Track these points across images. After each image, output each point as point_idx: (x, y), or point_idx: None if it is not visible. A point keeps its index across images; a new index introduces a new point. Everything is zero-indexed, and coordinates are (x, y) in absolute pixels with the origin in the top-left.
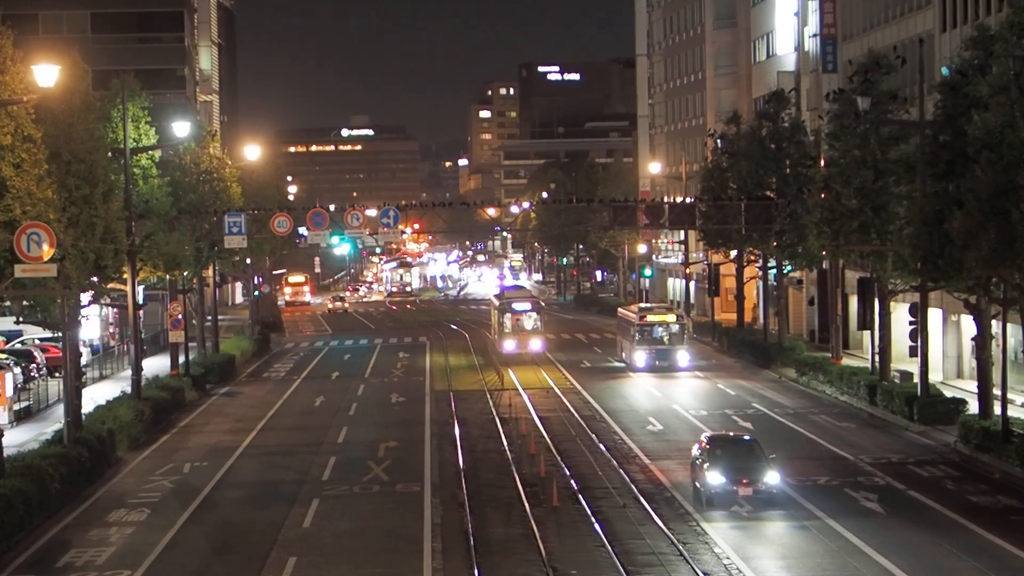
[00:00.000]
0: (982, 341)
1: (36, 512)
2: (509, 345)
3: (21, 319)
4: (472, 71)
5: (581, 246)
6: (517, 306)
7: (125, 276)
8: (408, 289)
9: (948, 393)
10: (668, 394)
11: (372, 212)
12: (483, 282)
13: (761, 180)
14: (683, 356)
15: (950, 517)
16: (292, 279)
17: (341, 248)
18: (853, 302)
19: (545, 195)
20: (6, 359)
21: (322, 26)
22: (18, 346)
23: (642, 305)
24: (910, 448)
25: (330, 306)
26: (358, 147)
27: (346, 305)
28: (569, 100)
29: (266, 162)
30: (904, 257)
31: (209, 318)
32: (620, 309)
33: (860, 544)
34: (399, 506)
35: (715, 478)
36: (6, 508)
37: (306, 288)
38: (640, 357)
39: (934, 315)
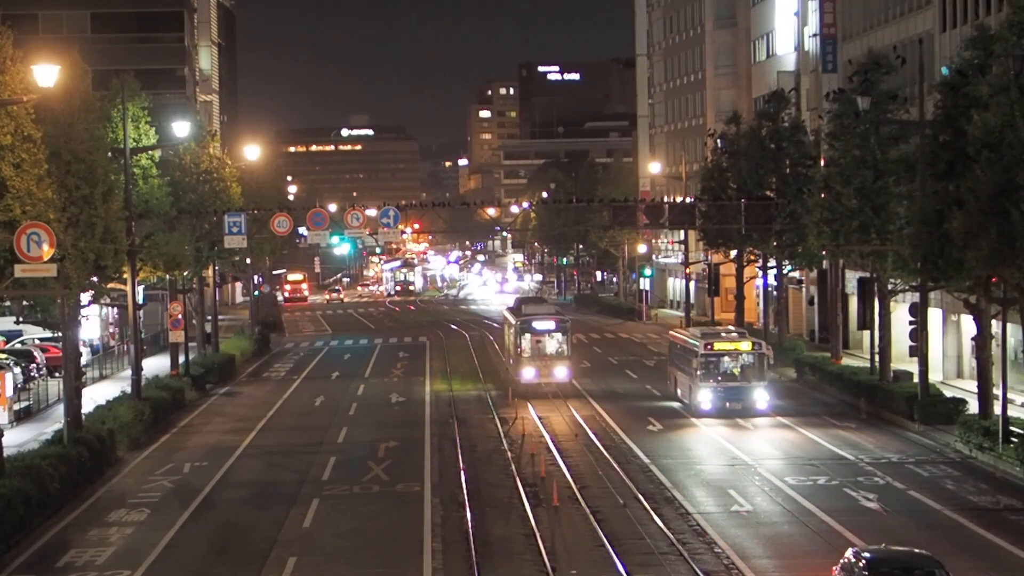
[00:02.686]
0: (982, 341)
1: (36, 512)
2: (528, 373)
3: (21, 319)
4: (472, 71)
5: (581, 246)
6: (539, 324)
7: (125, 276)
8: (411, 288)
9: (948, 393)
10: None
11: (372, 212)
12: (487, 286)
13: (761, 180)
14: (761, 396)
15: (950, 517)
16: (291, 277)
17: (341, 248)
18: (853, 302)
19: (545, 195)
20: (6, 359)
21: (322, 26)
22: (18, 346)
23: (706, 329)
24: (910, 448)
25: (328, 297)
26: (358, 147)
27: (342, 296)
28: (569, 100)
29: (266, 162)
30: (904, 257)
31: (209, 318)
32: (674, 333)
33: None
34: (399, 506)
35: None
36: (6, 508)
37: (304, 286)
38: (705, 397)
39: (934, 315)
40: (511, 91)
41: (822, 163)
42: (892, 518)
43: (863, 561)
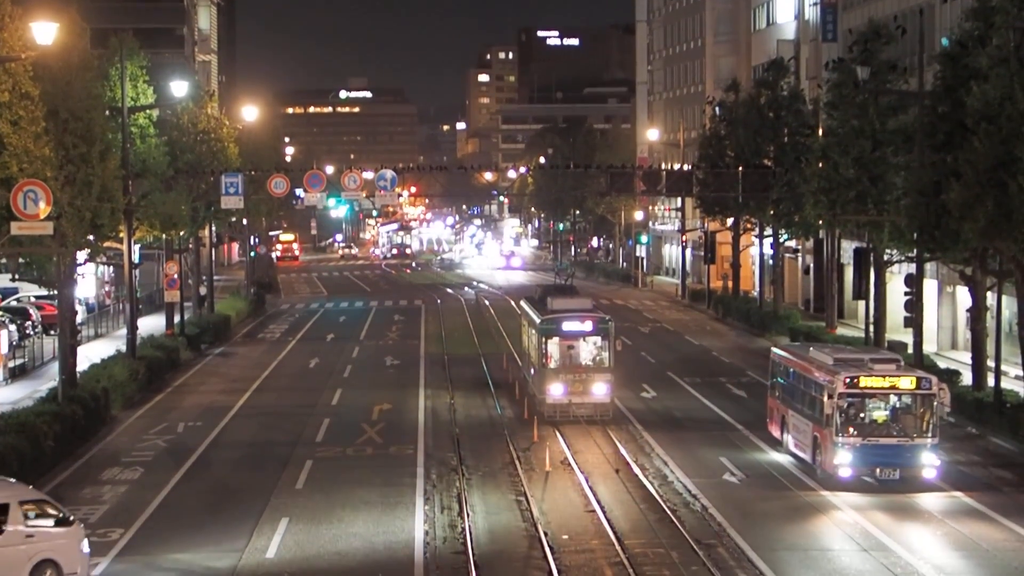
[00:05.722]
0: (977, 313)
1: (30, 469)
2: (556, 389)
3: (17, 276)
4: (471, 35)
5: (578, 212)
6: (570, 325)
7: (121, 235)
8: (408, 252)
9: (942, 364)
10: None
11: (369, 175)
12: (485, 256)
13: (759, 148)
14: (928, 460)
15: (942, 488)
16: (283, 237)
17: (338, 210)
18: (849, 272)
19: (542, 160)
20: (1, 316)
21: None
22: (14, 303)
23: (840, 352)
24: None
25: (341, 253)
26: (356, 109)
27: (355, 251)
28: (568, 65)
29: (264, 123)
30: (901, 228)
31: (205, 278)
32: (780, 351)
33: (856, 515)
34: (392, 468)
35: None
36: (0, 465)
37: (295, 245)
38: (843, 459)
39: (930, 286)
40: (510, 55)
41: (820, 132)
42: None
43: None
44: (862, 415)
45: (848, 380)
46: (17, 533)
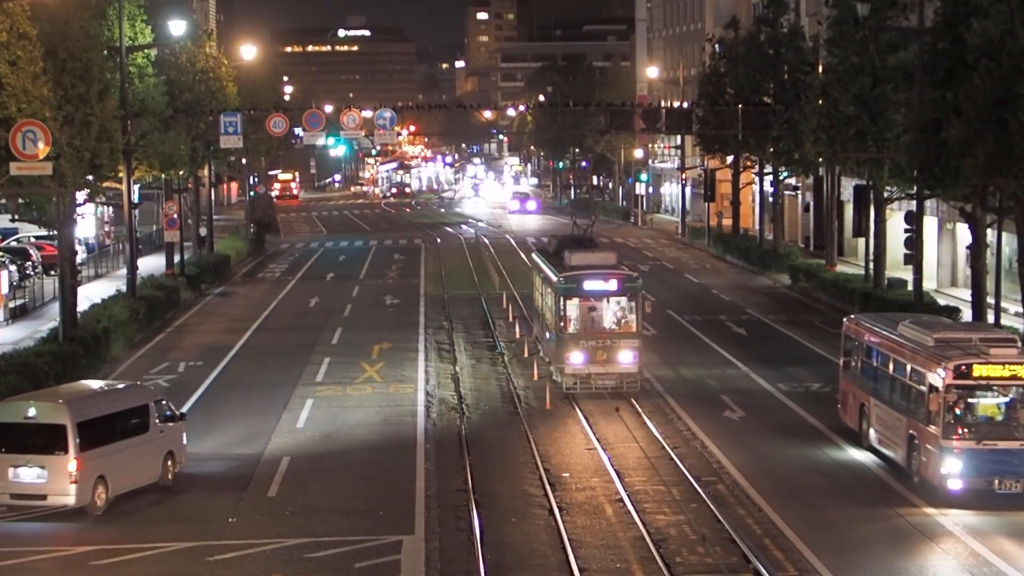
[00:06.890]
0: (977, 250)
1: None
2: (575, 357)
3: (16, 217)
4: None
5: (577, 150)
6: (593, 284)
7: (120, 175)
8: (407, 191)
9: (942, 301)
10: None
11: (368, 113)
12: (482, 196)
13: (759, 86)
14: None
15: None
16: (282, 176)
17: (337, 149)
18: (849, 209)
19: (542, 98)
20: (1, 257)
21: None
22: (13, 244)
23: (942, 331)
24: None
25: (353, 189)
26: (354, 48)
27: (365, 189)
28: (567, 2)
29: (262, 62)
30: (901, 165)
31: (204, 218)
32: (855, 322)
33: (860, 457)
34: (392, 407)
35: None
36: None
37: (293, 184)
38: (953, 468)
39: (929, 223)
40: None
41: (820, 70)
42: None
43: None
44: (975, 412)
45: (958, 368)
46: (156, 429)
